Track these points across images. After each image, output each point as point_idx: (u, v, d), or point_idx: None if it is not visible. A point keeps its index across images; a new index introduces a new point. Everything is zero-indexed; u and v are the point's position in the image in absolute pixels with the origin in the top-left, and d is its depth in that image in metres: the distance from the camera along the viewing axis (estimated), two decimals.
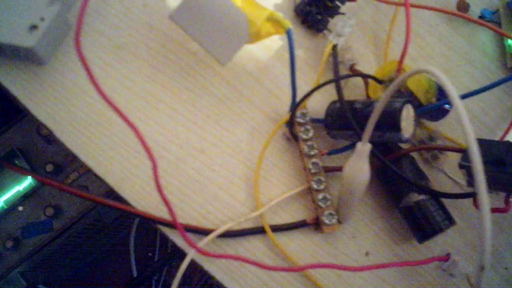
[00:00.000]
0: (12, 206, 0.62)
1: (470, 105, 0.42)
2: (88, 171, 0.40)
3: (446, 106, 0.37)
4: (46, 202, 0.64)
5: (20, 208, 0.63)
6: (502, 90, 0.43)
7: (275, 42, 0.39)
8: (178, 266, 0.33)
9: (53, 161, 0.64)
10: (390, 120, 0.31)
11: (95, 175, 0.35)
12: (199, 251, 0.31)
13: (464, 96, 0.37)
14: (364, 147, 0.30)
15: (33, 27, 0.33)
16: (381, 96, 0.27)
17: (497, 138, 0.41)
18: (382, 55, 0.41)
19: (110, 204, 0.33)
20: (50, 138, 0.63)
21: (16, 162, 0.63)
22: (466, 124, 0.21)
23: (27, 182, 0.63)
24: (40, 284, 0.81)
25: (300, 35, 0.40)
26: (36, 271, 0.73)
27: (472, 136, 0.21)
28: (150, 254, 1.02)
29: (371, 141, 0.30)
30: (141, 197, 0.34)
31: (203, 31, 0.32)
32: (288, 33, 0.33)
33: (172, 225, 0.33)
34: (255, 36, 0.33)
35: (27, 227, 0.63)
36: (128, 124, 0.27)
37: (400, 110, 0.31)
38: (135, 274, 0.97)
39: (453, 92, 0.22)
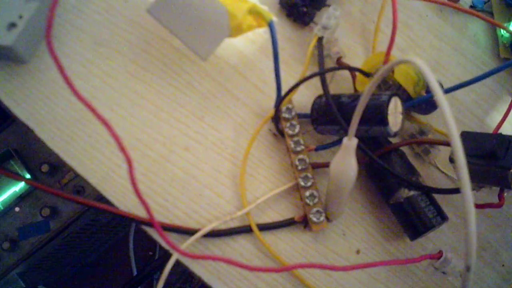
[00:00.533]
0: (8, 207, 0.62)
1: (462, 96, 0.41)
2: None
3: None
4: (43, 203, 0.63)
5: (17, 209, 0.63)
6: (495, 81, 0.42)
7: (260, 35, 0.38)
8: (179, 264, 0.33)
9: (48, 161, 0.64)
10: (376, 114, 0.30)
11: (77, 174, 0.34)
12: (181, 252, 0.30)
13: (455, 88, 0.36)
14: (350, 142, 0.29)
15: (12, 25, 0.32)
16: (365, 89, 0.26)
17: (490, 130, 0.40)
18: (371, 47, 0.40)
19: (90, 204, 0.32)
20: None
21: (12, 162, 0.63)
22: (448, 116, 0.20)
23: (23, 182, 0.63)
24: (40, 285, 0.81)
25: (285, 28, 0.39)
26: (35, 272, 0.73)
27: (453, 127, 0.20)
28: (150, 253, 1.02)
29: (359, 136, 0.29)
30: (125, 196, 0.34)
31: (182, 25, 0.31)
32: (271, 26, 0.32)
33: (150, 224, 0.32)
34: (237, 30, 0.32)
35: (24, 228, 0.63)
36: (102, 122, 0.26)
37: (386, 104, 0.30)
38: (135, 272, 0.97)
39: (434, 81, 0.21)
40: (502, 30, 0.41)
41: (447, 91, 0.36)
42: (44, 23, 0.34)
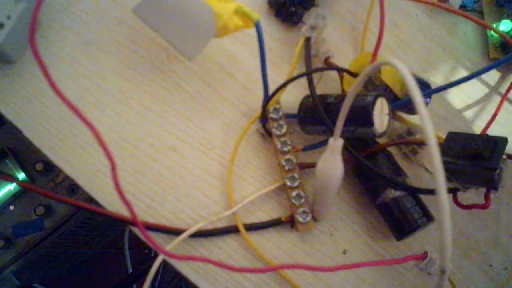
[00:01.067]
0: (3, 205, 0.62)
1: (451, 96, 0.41)
2: None
3: (425, 99, 0.36)
4: (37, 201, 0.63)
5: (11, 207, 0.63)
6: (484, 81, 0.42)
7: (248, 35, 0.38)
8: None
9: (43, 160, 0.64)
10: (362, 115, 0.30)
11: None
12: (166, 253, 0.30)
13: (444, 87, 0.36)
14: (335, 143, 0.29)
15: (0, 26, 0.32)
16: (349, 91, 0.26)
17: (478, 131, 0.40)
18: (360, 47, 0.40)
19: (77, 204, 0.32)
20: None
21: (7, 161, 0.63)
22: (424, 118, 0.20)
23: None
24: (36, 283, 0.81)
25: (274, 28, 0.39)
26: (30, 270, 0.73)
27: (430, 130, 0.20)
28: (146, 251, 1.02)
29: (345, 137, 0.29)
30: (112, 197, 0.34)
31: (168, 25, 0.31)
32: (257, 26, 0.32)
33: (134, 224, 0.32)
34: (223, 30, 0.32)
35: (18, 226, 0.63)
36: (84, 122, 0.26)
37: (372, 104, 0.30)
38: (130, 270, 0.97)
39: (412, 83, 0.21)
40: (492, 30, 0.41)
41: (436, 90, 0.36)
42: None
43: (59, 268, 0.88)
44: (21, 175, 0.62)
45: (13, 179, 0.59)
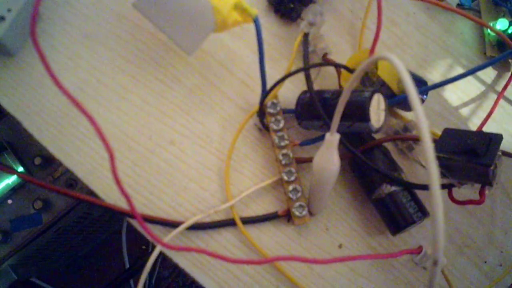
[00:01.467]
0: (1, 199, 0.62)
1: (447, 93, 0.41)
2: None
3: (421, 96, 0.36)
4: (35, 195, 0.64)
5: (10, 201, 0.63)
6: (480, 79, 0.42)
7: (247, 30, 0.38)
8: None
9: (41, 154, 0.64)
10: (358, 110, 0.30)
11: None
12: (164, 244, 0.30)
13: (440, 84, 0.36)
14: (332, 138, 0.29)
15: (0, 19, 0.33)
16: (345, 86, 0.26)
17: (474, 128, 0.40)
18: (357, 44, 0.40)
19: (75, 196, 0.32)
20: None
21: (5, 155, 0.63)
22: (419, 113, 0.21)
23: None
24: (33, 277, 0.82)
25: (273, 24, 0.39)
26: (27, 264, 0.73)
27: (424, 124, 0.20)
28: (144, 246, 1.02)
29: (342, 132, 0.29)
30: (111, 189, 0.34)
31: (167, 19, 0.32)
32: (256, 22, 0.32)
33: (133, 216, 0.32)
34: (222, 25, 0.32)
35: (16, 220, 0.63)
36: (84, 114, 0.26)
37: (368, 100, 0.30)
38: (127, 266, 0.97)
39: (407, 79, 0.21)
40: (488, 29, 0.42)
41: (432, 87, 0.37)
42: None
43: (57, 262, 0.88)
44: (20, 169, 0.62)
45: (13, 171, 0.59)
